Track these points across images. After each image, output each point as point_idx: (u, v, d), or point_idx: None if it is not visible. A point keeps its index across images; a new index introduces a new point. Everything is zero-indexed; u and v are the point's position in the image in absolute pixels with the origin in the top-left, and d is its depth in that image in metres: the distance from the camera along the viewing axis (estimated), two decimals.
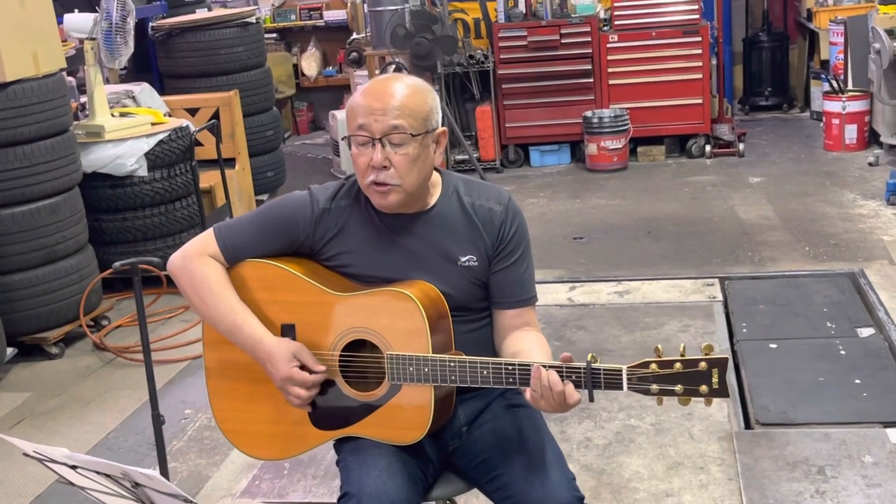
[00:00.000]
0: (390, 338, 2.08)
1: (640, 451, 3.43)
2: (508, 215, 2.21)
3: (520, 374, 1.99)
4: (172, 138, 5.36)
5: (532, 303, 2.25)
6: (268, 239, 2.20)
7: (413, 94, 2.10)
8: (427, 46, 7.25)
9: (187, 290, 2.21)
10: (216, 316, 2.18)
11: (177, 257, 2.22)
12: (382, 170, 2.08)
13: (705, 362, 1.88)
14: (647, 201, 6.65)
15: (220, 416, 2.30)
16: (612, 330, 4.51)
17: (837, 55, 7.93)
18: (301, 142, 9.87)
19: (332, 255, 2.21)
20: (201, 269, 2.18)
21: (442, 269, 2.17)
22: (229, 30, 6.80)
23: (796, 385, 3.81)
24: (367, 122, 2.07)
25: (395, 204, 2.12)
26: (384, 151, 2.07)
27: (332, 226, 2.20)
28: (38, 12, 4.70)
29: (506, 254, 2.21)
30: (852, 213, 5.94)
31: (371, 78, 7.96)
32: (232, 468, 3.56)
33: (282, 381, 2.13)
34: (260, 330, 2.15)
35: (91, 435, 3.93)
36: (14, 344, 4.62)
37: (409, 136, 2.07)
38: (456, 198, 2.22)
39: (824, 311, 4.51)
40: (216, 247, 2.20)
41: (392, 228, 2.18)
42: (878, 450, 3.27)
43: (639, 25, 7.57)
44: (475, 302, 2.23)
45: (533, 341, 2.17)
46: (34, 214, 4.61)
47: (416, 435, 2.10)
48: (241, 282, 2.20)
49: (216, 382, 2.28)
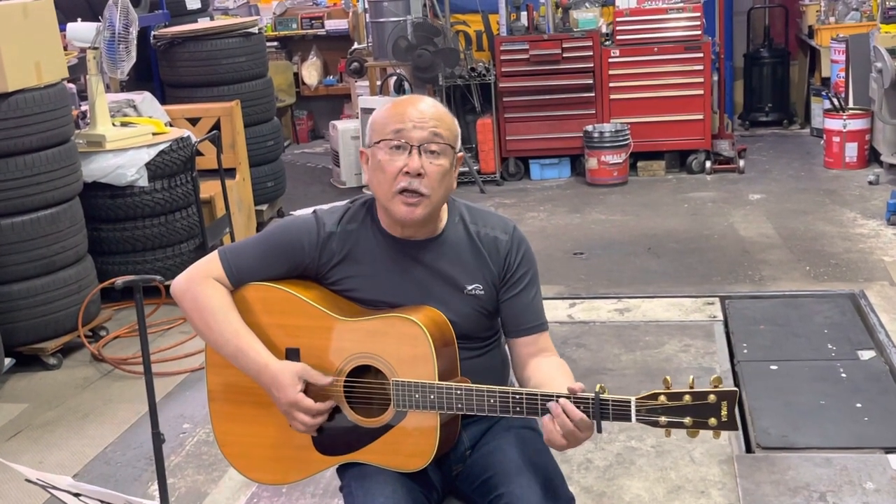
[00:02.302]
0: (396, 364, 2.07)
1: (640, 473, 3.42)
2: (514, 244, 2.22)
3: (527, 403, 1.98)
4: (173, 148, 5.35)
5: (544, 329, 2.24)
6: (273, 262, 2.18)
7: (446, 113, 2.15)
8: (429, 58, 7.25)
9: (191, 313, 2.19)
10: (220, 340, 2.16)
11: (181, 281, 2.21)
12: (417, 177, 2.07)
13: (714, 395, 1.86)
14: (647, 217, 6.64)
15: (223, 439, 2.28)
16: (612, 349, 4.50)
17: (839, 73, 7.94)
18: (301, 150, 9.87)
19: (337, 279, 2.20)
20: (205, 293, 2.16)
21: (448, 296, 2.16)
22: (231, 40, 6.78)
23: (797, 408, 3.80)
24: (406, 128, 2.08)
25: (420, 218, 2.11)
26: (420, 159, 2.07)
27: (339, 250, 2.18)
28: (40, 22, 4.69)
29: (512, 282, 2.21)
30: (853, 233, 5.94)
31: (372, 88, 8.00)
32: (230, 485, 3.54)
33: (287, 407, 2.11)
34: (264, 354, 2.13)
35: (88, 448, 3.91)
36: (12, 354, 4.61)
37: (447, 146, 2.10)
38: (462, 225, 2.21)
39: (825, 332, 4.51)
40: (221, 270, 2.18)
41: (399, 254, 2.17)
42: (880, 476, 3.26)
43: (641, 40, 7.58)
44: (481, 331, 2.22)
45: (554, 368, 2.16)
46: (34, 224, 4.59)
47: (421, 462, 2.09)
48: (245, 305, 2.18)
49: (219, 406, 2.26)
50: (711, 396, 1.86)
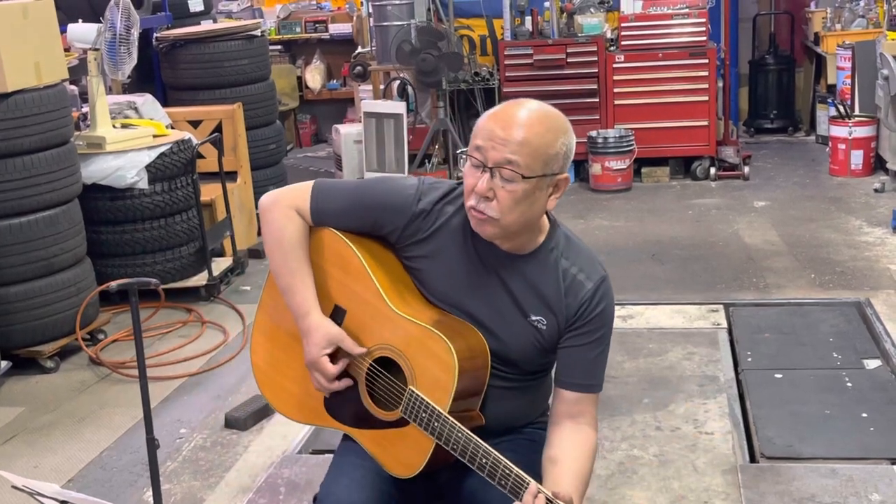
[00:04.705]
0: (419, 374, 2.04)
1: (642, 483, 3.37)
2: (596, 296, 2.10)
3: (513, 483, 1.91)
4: (174, 151, 5.31)
5: (594, 391, 2.14)
6: (358, 216, 2.17)
7: (542, 133, 1.97)
8: (432, 63, 7.22)
9: (265, 233, 2.22)
10: (280, 269, 2.19)
11: (268, 199, 2.22)
12: (485, 199, 1.99)
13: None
14: (651, 223, 6.60)
15: (255, 348, 2.33)
16: (616, 356, 4.45)
17: (844, 80, 7.89)
18: (304, 154, 9.84)
19: (412, 255, 2.16)
20: (282, 221, 2.18)
21: (508, 316, 2.10)
22: (234, 42, 6.74)
23: (802, 417, 3.75)
24: (485, 147, 1.98)
25: (490, 235, 2.05)
26: (491, 182, 1.98)
27: (425, 228, 2.13)
28: (41, 22, 4.65)
29: (579, 333, 2.11)
30: (858, 241, 5.89)
31: (375, 92, 7.97)
32: (227, 490, 3.50)
33: (309, 362, 2.14)
34: (310, 302, 2.15)
35: (84, 453, 3.86)
36: (8, 357, 4.56)
37: (520, 175, 1.96)
38: (554, 255, 2.12)
39: (830, 340, 4.46)
40: (307, 204, 2.18)
41: (480, 256, 2.11)
42: (886, 487, 3.21)
43: (645, 46, 7.54)
44: (527, 363, 2.15)
45: (576, 453, 2.06)
46: (32, 226, 4.55)
47: (406, 473, 2.08)
48: (319, 246, 2.21)
49: (263, 318, 2.32)
50: None
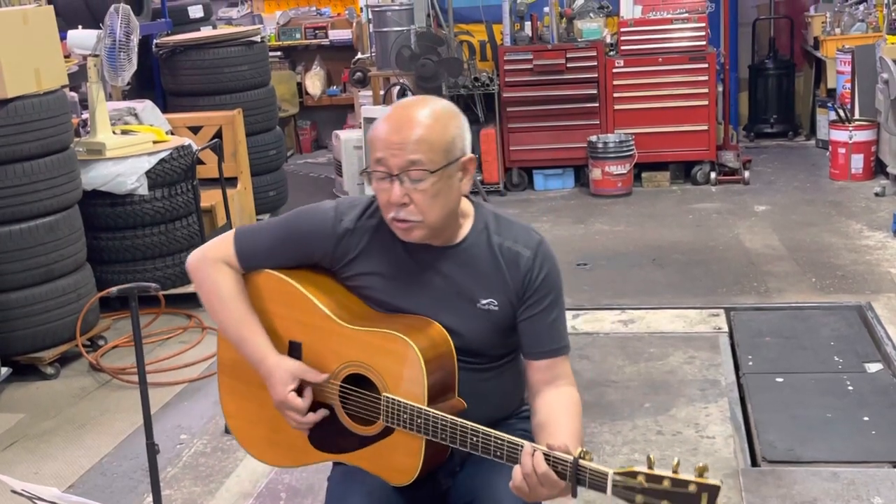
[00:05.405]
0: (389, 380, 2.03)
1: None
2: (536, 262, 2.09)
3: (508, 451, 1.90)
4: (174, 157, 5.31)
5: (563, 353, 2.14)
6: (285, 251, 2.17)
7: (434, 124, 1.99)
8: (432, 68, 7.22)
9: (201, 292, 2.23)
10: (225, 324, 2.19)
11: (194, 258, 2.23)
12: (402, 206, 1.99)
13: (696, 485, 1.70)
14: (651, 228, 6.59)
15: (229, 410, 2.32)
16: (616, 360, 4.45)
17: (844, 84, 7.89)
18: (304, 160, 9.85)
19: (351, 275, 2.15)
20: (214, 276, 2.18)
21: (459, 308, 2.09)
22: (234, 48, 6.75)
23: (803, 421, 3.74)
24: (385, 157, 1.98)
25: (419, 238, 2.05)
26: (403, 187, 1.98)
27: (354, 246, 2.13)
28: (40, 29, 4.65)
29: (532, 302, 2.10)
30: (859, 245, 5.89)
31: (375, 98, 7.97)
32: (227, 496, 3.49)
33: (278, 404, 2.12)
34: (264, 347, 2.13)
35: (84, 459, 3.86)
36: (9, 363, 4.55)
37: (427, 172, 1.97)
38: (485, 235, 2.12)
39: (831, 344, 4.45)
40: (233, 252, 2.18)
41: (415, 259, 2.11)
42: (888, 491, 3.20)
43: (645, 51, 7.53)
44: (491, 348, 2.14)
45: (563, 410, 2.06)
46: (32, 232, 4.55)
47: (405, 479, 2.06)
48: (256, 290, 2.20)
49: (226, 379, 2.30)
50: (692, 486, 1.70)
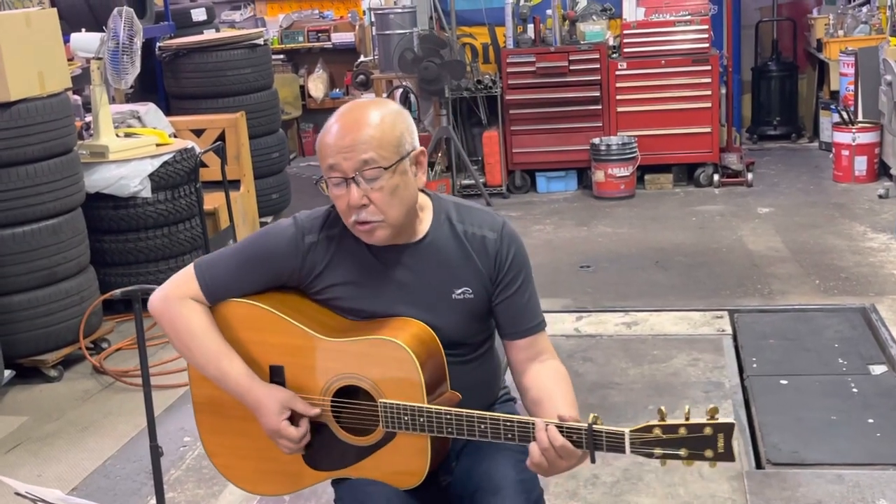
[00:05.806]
0: (383, 386, 2.01)
1: (648, 489, 3.35)
2: (503, 243, 2.11)
3: (519, 431, 1.91)
4: (177, 160, 5.32)
5: (541, 329, 2.16)
6: (250, 276, 2.10)
7: (380, 123, 1.98)
8: (435, 71, 7.22)
9: (170, 334, 2.13)
10: (201, 362, 2.10)
11: (156, 300, 2.13)
12: (362, 208, 1.98)
13: (710, 427, 1.78)
14: (654, 230, 6.59)
15: (212, 450, 2.24)
16: (620, 363, 4.44)
17: (847, 86, 7.88)
18: (307, 163, 9.86)
19: (320, 288, 2.12)
20: (182, 314, 2.09)
21: (435, 303, 2.08)
22: (237, 51, 6.76)
23: (808, 423, 3.74)
24: (337, 162, 1.97)
25: (383, 239, 2.04)
26: (360, 189, 1.97)
27: (321, 259, 2.10)
28: (44, 32, 4.66)
29: (505, 283, 2.11)
30: (862, 247, 5.88)
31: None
32: (231, 498, 3.49)
33: (271, 433, 2.07)
34: (246, 377, 2.07)
35: (88, 462, 3.85)
36: (12, 366, 4.55)
37: (381, 169, 1.96)
38: (448, 225, 2.11)
39: (835, 346, 4.44)
40: (196, 286, 2.10)
41: (383, 261, 2.09)
42: (893, 493, 3.19)
43: (648, 53, 7.53)
44: (472, 336, 2.14)
45: (553, 382, 2.08)
46: (35, 235, 4.55)
47: (414, 481, 2.05)
48: (226, 321, 2.11)
49: (205, 417, 2.21)
50: (707, 429, 1.78)
